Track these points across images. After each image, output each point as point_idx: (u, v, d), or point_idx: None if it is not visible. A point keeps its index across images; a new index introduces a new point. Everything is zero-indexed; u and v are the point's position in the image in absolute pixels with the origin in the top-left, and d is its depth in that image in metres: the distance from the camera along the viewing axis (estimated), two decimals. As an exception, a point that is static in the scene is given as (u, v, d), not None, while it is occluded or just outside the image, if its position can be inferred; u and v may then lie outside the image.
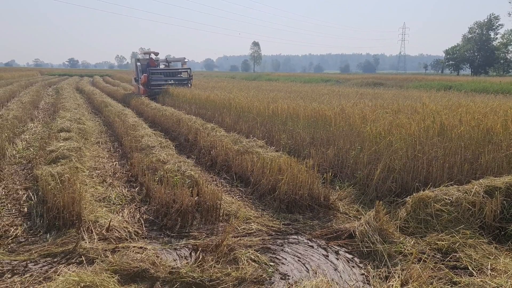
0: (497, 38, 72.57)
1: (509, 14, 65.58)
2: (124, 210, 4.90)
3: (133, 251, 3.82)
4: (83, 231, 4.17)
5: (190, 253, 3.93)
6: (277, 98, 10.80)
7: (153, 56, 19.24)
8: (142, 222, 4.63)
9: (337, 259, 3.89)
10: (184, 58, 20.45)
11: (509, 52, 70.84)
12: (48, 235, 4.16)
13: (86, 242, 3.96)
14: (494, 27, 72.48)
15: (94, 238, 4.07)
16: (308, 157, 6.32)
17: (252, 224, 4.61)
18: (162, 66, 19.76)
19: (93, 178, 6.08)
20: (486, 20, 72.66)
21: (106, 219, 4.44)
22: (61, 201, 4.25)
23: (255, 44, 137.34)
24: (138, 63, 18.90)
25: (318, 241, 4.28)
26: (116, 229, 4.30)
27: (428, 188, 4.55)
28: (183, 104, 14.05)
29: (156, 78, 18.09)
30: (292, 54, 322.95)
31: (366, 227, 4.10)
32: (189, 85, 18.41)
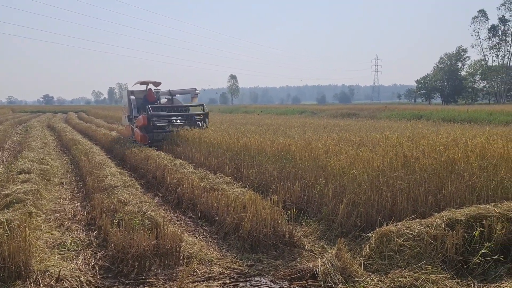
0: (464, 68, 75.88)
1: (472, 46, 68.99)
2: (79, 257, 4.65)
3: (81, 303, 3.58)
4: (30, 282, 3.90)
5: (144, 302, 3.71)
6: (248, 132, 10.78)
7: (151, 87, 14.79)
8: (97, 269, 4.39)
9: (299, 301, 3.74)
10: (195, 90, 15.00)
11: (476, 81, 73.89)
12: (-9, 288, 3.87)
13: (32, 295, 3.70)
14: (462, 58, 75.87)
15: (41, 290, 3.81)
16: (275, 193, 6.23)
17: (214, 266, 4.43)
18: (164, 101, 15.33)
19: (49, 222, 5.80)
20: (454, 52, 76.05)
21: (57, 268, 4.18)
22: (6, 251, 3.99)
23: (232, 77, 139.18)
24: (132, 97, 14.31)
25: (281, 282, 4.12)
26: (67, 279, 4.05)
27: (391, 223, 4.49)
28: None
29: (159, 118, 13.09)
30: (270, 86, 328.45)
31: (328, 266, 3.98)
32: (204, 125, 13.56)
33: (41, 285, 3.87)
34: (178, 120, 13.88)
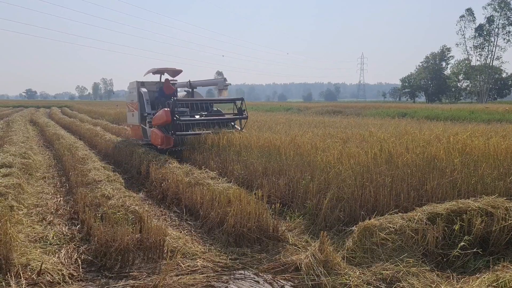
0: (448, 67, 77.10)
1: (456, 44, 70.01)
2: (61, 251, 4.60)
3: (63, 297, 3.55)
4: (11, 276, 3.85)
5: (127, 295, 3.70)
6: (234, 128, 10.75)
7: (167, 76, 11.95)
8: (80, 263, 4.34)
9: (282, 294, 3.78)
10: (224, 80, 12.00)
11: (459, 81, 75.12)
12: (-29, 282, 3.80)
13: (12, 289, 3.65)
14: (446, 57, 77.02)
15: (22, 284, 3.76)
16: (260, 188, 6.25)
17: (198, 260, 4.43)
18: (181, 94, 12.44)
19: (31, 216, 5.72)
20: (439, 51, 77.16)
21: (39, 261, 4.13)
22: (-14, 244, 3.93)
23: (219, 73, 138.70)
24: (143, 89, 11.18)
25: (265, 275, 4.15)
26: (49, 272, 4.00)
27: (374, 217, 4.55)
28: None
29: (184, 115, 10.17)
30: (256, 83, 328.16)
31: (311, 259, 4.01)
32: (239, 127, 10.64)
33: (22, 278, 3.82)
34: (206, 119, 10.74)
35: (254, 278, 4.10)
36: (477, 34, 67.01)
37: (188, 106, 10.97)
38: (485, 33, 66.27)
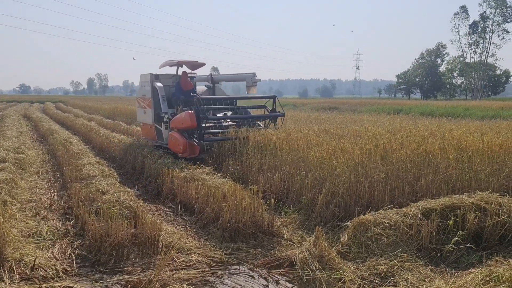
0: (443, 64, 77.28)
1: (451, 41, 70.10)
2: (55, 246, 4.57)
3: (57, 292, 3.53)
4: (4, 271, 3.82)
5: (122, 290, 3.69)
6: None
7: (185, 69, 10.35)
8: (74, 258, 4.32)
9: (277, 289, 3.78)
10: (253, 75, 10.31)
11: (454, 77, 75.38)
12: (-37, 277, 3.78)
13: (6, 284, 3.63)
14: (441, 54, 77.18)
15: (16, 279, 3.74)
16: (255, 183, 6.24)
17: (193, 255, 4.42)
18: (201, 89, 10.98)
19: (25, 211, 5.69)
20: (434, 48, 77.27)
21: (33, 256, 4.11)
22: (-21, 239, 3.90)
23: (214, 69, 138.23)
24: (158, 83, 9.71)
25: (259, 270, 4.15)
26: (42, 268, 3.98)
27: (369, 212, 4.56)
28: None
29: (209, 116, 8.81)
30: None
31: (306, 254, 4.02)
32: (262, 125, 9.50)
33: (15, 273, 3.80)
34: (229, 121, 9.50)
35: (249, 273, 4.10)
36: (471, 31, 67.15)
37: (210, 103, 9.49)
38: (479, 30, 66.43)
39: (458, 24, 68.60)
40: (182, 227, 5.40)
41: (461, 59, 70.97)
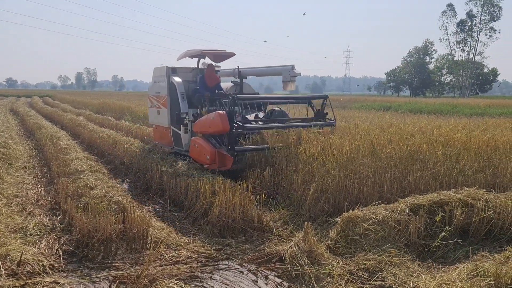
0: (431, 62, 77.93)
1: (440, 40, 70.75)
2: (42, 241, 4.52)
3: (44, 287, 3.49)
4: (-11, 267, 3.76)
5: (110, 286, 3.66)
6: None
7: (208, 61, 9.00)
8: (61, 253, 4.28)
9: (266, 284, 3.80)
10: (292, 68, 8.45)
11: (443, 75, 76.14)
12: None
13: (-9, 279, 3.58)
14: (429, 52, 77.82)
15: (2, 274, 3.69)
16: (245, 179, 6.23)
17: (182, 251, 4.41)
18: (226, 85, 9.25)
19: (11, 206, 5.61)
20: (422, 46, 77.88)
21: (19, 252, 4.05)
22: (-36, 235, 3.84)
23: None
24: (176, 78, 8.25)
25: (249, 266, 4.16)
26: (29, 263, 3.93)
27: (358, 208, 4.59)
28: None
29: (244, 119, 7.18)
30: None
31: (295, 250, 4.03)
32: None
33: (1, 269, 3.74)
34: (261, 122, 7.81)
35: (238, 268, 4.11)
36: (459, 29, 67.80)
37: (247, 105, 7.95)
38: (467, 28, 67.08)
39: (446, 22, 69.26)
40: (171, 223, 5.38)
41: (450, 57, 71.67)
